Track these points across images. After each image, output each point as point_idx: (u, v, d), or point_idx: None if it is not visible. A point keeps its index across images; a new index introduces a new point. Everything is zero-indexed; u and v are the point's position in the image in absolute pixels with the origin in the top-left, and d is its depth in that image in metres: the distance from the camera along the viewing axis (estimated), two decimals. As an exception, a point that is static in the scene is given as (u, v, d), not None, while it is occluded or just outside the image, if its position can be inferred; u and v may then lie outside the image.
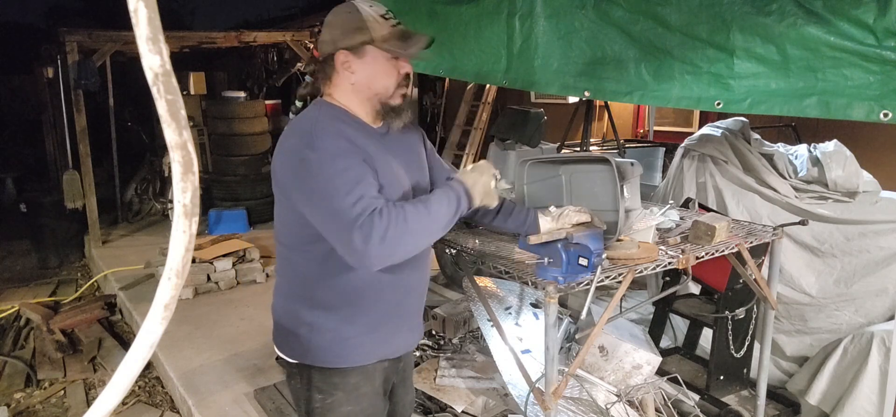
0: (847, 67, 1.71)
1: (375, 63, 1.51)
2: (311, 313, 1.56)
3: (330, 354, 1.57)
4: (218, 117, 7.29)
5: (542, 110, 4.56)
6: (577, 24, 2.34)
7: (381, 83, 1.53)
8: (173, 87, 0.56)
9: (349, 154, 1.43)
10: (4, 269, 6.38)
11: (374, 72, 1.52)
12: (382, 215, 1.35)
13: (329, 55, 1.53)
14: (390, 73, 1.53)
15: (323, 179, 1.39)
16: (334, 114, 1.54)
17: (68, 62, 6.03)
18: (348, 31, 1.50)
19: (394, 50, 1.50)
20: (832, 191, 2.90)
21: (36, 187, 9.84)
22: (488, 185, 1.56)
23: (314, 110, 1.55)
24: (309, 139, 1.44)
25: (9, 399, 3.67)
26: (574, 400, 2.48)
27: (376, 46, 1.49)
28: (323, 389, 1.59)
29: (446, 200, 1.47)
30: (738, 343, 2.71)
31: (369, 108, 1.56)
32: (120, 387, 0.64)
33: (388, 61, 1.52)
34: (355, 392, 1.60)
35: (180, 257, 0.61)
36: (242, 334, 4.10)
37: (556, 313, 1.63)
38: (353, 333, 1.56)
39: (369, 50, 1.50)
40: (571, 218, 1.77)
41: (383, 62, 1.52)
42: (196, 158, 0.61)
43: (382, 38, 1.49)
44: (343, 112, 1.55)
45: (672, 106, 2.18)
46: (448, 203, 1.47)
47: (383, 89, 1.53)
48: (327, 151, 1.42)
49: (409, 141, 1.68)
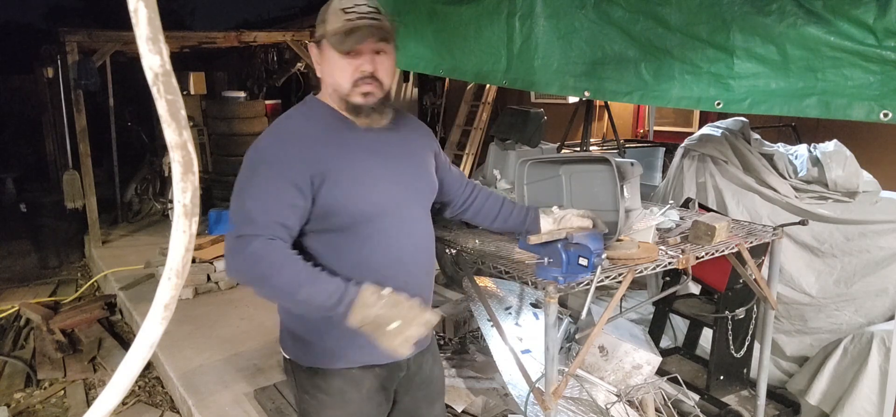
0: (847, 67, 1.71)
1: (330, 58, 1.46)
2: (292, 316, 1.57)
3: (310, 355, 1.56)
4: (218, 117, 7.30)
5: (542, 110, 4.55)
6: (577, 24, 2.34)
7: (335, 79, 1.47)
8: (173, 87, 0.56)
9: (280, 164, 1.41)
10: (4, 269, 6.38)
11: (330, 67, 1.47)
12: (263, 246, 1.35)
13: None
14: (343, 68, 1.44)
15: (242, 176, 1.42)
16: (307, 112, 1.53)
17: (68, 62, 6.03)
18: (318, 24, 1.49)
19: (334, 45, 1.42)
20: (832, 191, 2.90)
21: (36, 187, 9.85)
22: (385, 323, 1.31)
23: (294, 107, 1.57)
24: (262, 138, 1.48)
25: (9, 399, 3.67)
26: (574, 400, 2.48)
27: (327, 40, 1.45)
28: (307, 389, 1.59)
29: (328, 294, 1.34)
30: (738, 343, 2.71)
31: (340, 104, 1.50)
32: (120, 387, 0.64)
33: (341, 57, 1.43)
34: (340, 397, 1.56)
35: (180, 257, 0.61)
36: (242, 334, 4.10)
37: (556, 313, 1.63)
38: (334, 336, 1.52)
39: (324, 44, 1.46)
40: (573, 222, 1.75)
41: (337, 58, 1.44)
42: (196, 158, 0.61)
43: (332, 32, 1.42)
44: (323, 108, 1.52)
45: (672, 106, 2.18)
46: (328, 297, 1.33)
47: (338, 85, 1.47)
48: (260, 154, 1.44)
49: (406, 142, 1.62)
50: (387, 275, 1.45)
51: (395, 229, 1.53)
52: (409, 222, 1.56)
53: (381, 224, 1.50)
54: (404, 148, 1.61)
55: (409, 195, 1.57)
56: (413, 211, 1.58)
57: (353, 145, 1.49)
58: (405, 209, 1.55)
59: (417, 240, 1.59)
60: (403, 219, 1.55)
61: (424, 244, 1.62)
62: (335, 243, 1.48)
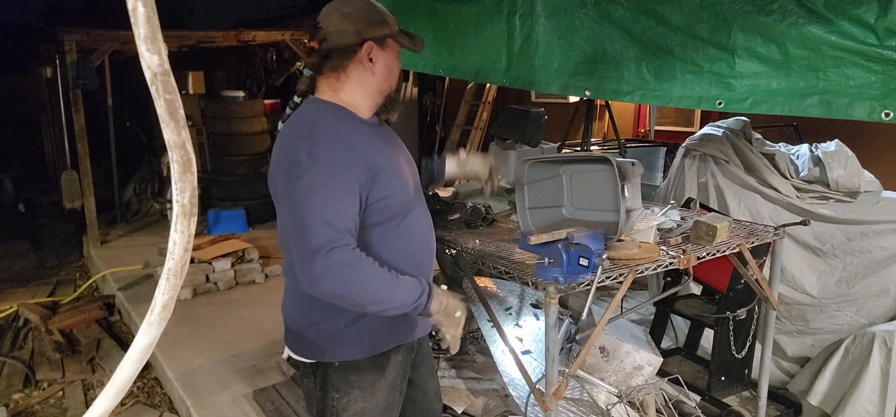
0: (848, 67, 1.71)
1: (392, 57, 1.56)
2: (323, 310, 1.53)
3: (346, 346, 1.56)
4: (217, 117, 7.28)
5: (542, 110, 4.52)
6: (578, 23, 2.34)
7: (394, 76, 1.58)
8: (172, 86, 0.55)
9: (343, 167, 1.39)
10: (3, 269, 6.37)
11: (393, 64, 1.56)
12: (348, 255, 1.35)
13: (346, 47, 1.48)
14: (399, 66, 1.59)
15: (305, 186, 1.35)
16: (336, 113, 1.50)
17: (67, 62, 6.02)
18: (373, 23, 1.50)
19: (407, 44, 1.56)
20: (834, 191, 2.89)
21: (34, 187, 9.85)
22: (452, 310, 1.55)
23: (312, 109, 1.50)
24: (308, 142, 1.39)
25: (7, 399, 3.66)
26: (575, 401, 2.48)
27: (394, 39, 1.54)
28: (339, 387, 1.58)
29: (411, 288, 1.44)
30: (739, 344, 2.70)
31: (373, 103, 1.56)
32: (118, 388, 0.64)
33: (396, 57, 1.58)
34: (370, 388, 1.60)
35: (179, 257, 0.61)
36: (241, 334, 4.10)
37: (556, 313, 1.62)
38: (367, 321, 1.53)
39: (390, 42, 1.54)
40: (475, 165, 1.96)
41: (394, 55, 1.57)
42: (194, 157, 0.60)
43: (398, 32, 1.55)
44: (343, 110, 1.51)
45: (673, 105, 2.18)
46: (412, 291, 1.44)
47: (392, 84, 1.58)
48: (321, 160, 1.37)
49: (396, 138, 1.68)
50: (424, 264, 1.55)
51: (421, 220, 1.62)
52: (425, 208, 1.67)
53: (413, 215, 1.58)
54: (400, 144, 1.68)
55: (417, 184, 1.65)
56: (422, 198, 1.68)
57: (381, 142, 1.56)
58: (421, 201, 1.65)
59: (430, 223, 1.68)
60: (424, 210, 1.65)
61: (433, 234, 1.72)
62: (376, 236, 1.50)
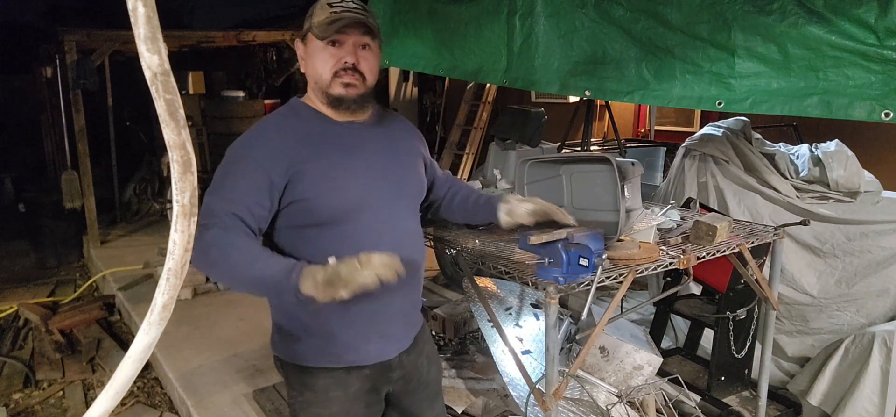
0: (848, 67, 1.71)
1: (314, 50, 1.48)
2: (279, 312, 1.59)
3: (297, 352, 1.56)
4: (217, 117, 7.29)
5: (542, 110, 4.54)
6: (578, 23, 2.34)
7: (317, 70, 1.48)
8: (172, 86, 0.55)
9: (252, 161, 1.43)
10: (3, 269, 6.37)
11: (313, 60, 1.49)
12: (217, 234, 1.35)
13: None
14: (325, 59, 1.47)
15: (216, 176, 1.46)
16: (286, 112, 1.55)
17: (67, 62, 6.02)
18: (306, 21, 1.52)
19: (318, 34, 1.45)
20: (834, 191, 2.90)
21: (34, 187, 9.85)
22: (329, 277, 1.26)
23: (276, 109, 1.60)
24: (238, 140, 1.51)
25: (7, 399, 3.66)
26: (575, 401, 2.48)
27: (312, 32, 1.47)
28: (294, 386, 1.60)
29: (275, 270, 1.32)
30: (739, 344, 2.70)
31: (323, 99, 1.51)
32: (118, 388, 0.64)
33: (324, 48, 1.46)
34: (324, 395, 1.55)
35: (179, 257, 0.61)
36: (241, 334, 4.10)
37: (556, 313, 1.62)
38: (315, 335, 1.53)
39: (310, 36, 1.49)
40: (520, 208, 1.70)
41: (320, 49, 1.47)
42: (194, 157, 0.60)
43: (317, 23, 1.45)
44: (303, 108, 1.54)
45: (673, 105, 2.18)
46: (275, 272, 1.32)
47: (319, 77, 1.48)
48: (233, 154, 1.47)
49: (392, 139, 1.61)
50: None
51: (376, 226, 1.50)
52: (392, 219, 1.54)
53: (358, 221, 1.48)
54: (390, 145, 1.60)
55: (393, 192, 1.56)
56: (397, 208, 1.56)
57: (328, 142, 1.50)
58: (387, 206, 1.53)
59: (401, 237, 1.55)
60: (385, 216, 1.52)
61: (410, 242, 1.59)
62: (309, 239, 1.48)
